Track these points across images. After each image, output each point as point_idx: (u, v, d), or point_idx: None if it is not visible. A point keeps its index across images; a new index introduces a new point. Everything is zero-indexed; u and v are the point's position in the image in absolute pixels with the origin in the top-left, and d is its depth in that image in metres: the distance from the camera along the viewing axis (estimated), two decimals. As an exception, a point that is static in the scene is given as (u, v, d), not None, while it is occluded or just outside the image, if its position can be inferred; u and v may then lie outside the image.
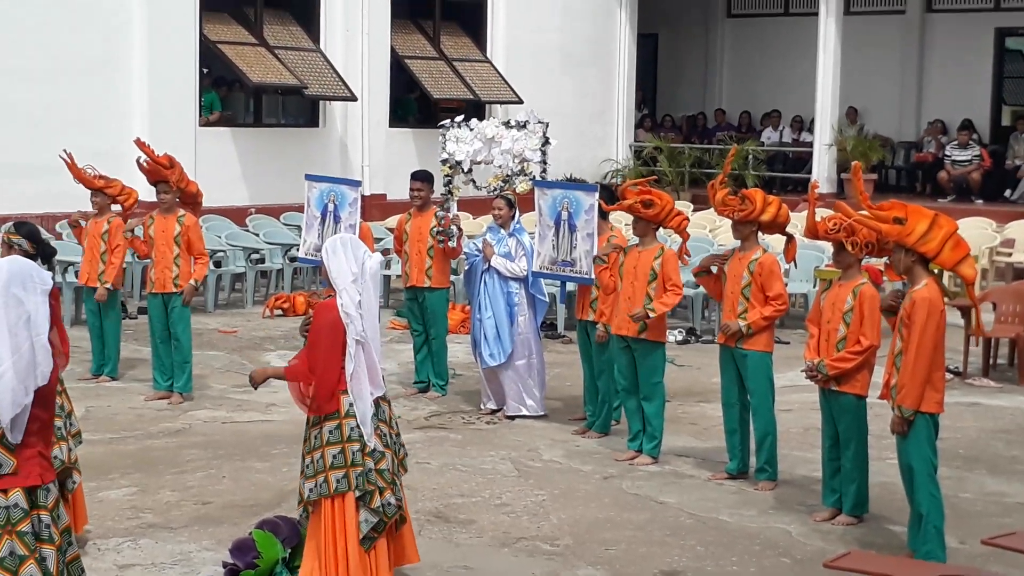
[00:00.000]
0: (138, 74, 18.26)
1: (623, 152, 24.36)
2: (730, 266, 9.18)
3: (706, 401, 11.51)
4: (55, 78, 17.29)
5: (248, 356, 13.53)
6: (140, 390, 11.82)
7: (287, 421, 10.45)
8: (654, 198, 9.60)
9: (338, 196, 11.87)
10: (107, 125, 17.46)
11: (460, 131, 12.68)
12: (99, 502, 8.51)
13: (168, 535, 7.99)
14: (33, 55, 17.10)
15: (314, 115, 20.71)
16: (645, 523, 8.41)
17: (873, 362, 8.31)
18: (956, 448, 10.13)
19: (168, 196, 11.46)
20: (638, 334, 9.61)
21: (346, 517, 6.70)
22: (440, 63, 22.03)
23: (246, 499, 8.71)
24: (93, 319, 12.25)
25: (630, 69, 24.35)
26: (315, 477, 6.68)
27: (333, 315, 6.64)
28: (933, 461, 7.56)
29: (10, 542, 5.06)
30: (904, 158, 24.63)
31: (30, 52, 17.07)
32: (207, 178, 14.88)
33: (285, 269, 17.37)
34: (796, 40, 25.02)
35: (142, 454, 9.82)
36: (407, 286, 11.93)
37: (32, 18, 17.11)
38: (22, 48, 17.03)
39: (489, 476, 9.38)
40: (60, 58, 17.36)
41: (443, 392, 11.83)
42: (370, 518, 6.70)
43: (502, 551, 7.87)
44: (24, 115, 16.92)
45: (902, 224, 7.40)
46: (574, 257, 10.45)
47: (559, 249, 10.56)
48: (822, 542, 8.06)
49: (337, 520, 6.71)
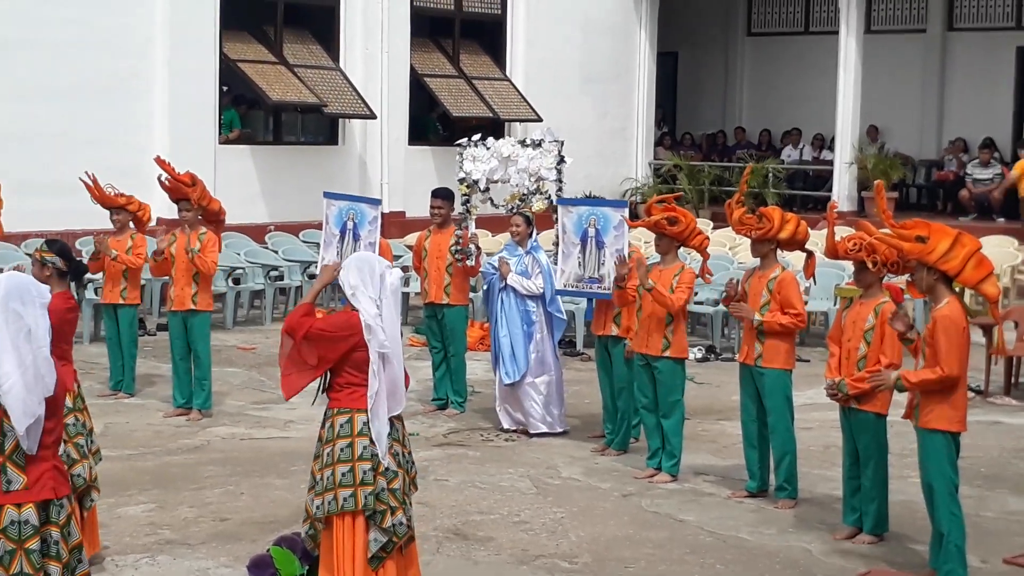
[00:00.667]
0: (159, 92, 18.34)
1: (643, 170, 24.35)
2: (751, 285, 9.17)
3: (726, 419, 11.48)
4: (76, 96, 17.38)
5: (266, 373, 13.54)
6: (158, 407, 11.85)
7: (305, 438, 10.43)
8: (679, 215, 9.61)
9: (358, 214, 11.89)
10: (128, 143, 17.53)
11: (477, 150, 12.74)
12: (117, 518, 8.53)
13: (186, 551, 8.00)
14: (55, 73, 17.19)
15: (333, 133, 20.77)
16: (664, 541, 8.38)
17: (895, 380, 8.27)
18: (978, 467, 10.08)
19: (190, 214, 11.48)
20: (660, 352, 9.61)
21: (355, 536, 6.68)
22: (459, 81, 22.06)
23: (264, 516, 8.71)
24: (112, 335, 12.28)
25: (650, 87, 24.35)
26: (323, 495, 6.65)
27: (353, 319, 6.57)
28: (954, 480, 7.53)
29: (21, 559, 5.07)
30: (925, 176, 24.56)
31: (52, 70, 17.16)
32: (226, 196, 14.85)
33: (304, 286, 17.36)
34: (816, 58, 24.96)
35: (160, 470, 9.83)
36: (426, 303, 11.94)
37: (54, 37, 17.19)
38: (44, 67, 17.12)
39: (508, 493, 9.36)
40: (81, 76, 17.44)
41: (462, 409, 11.82)
42: (379, 537, 6.67)
43: (520, 569, 7.85)
44: (46, 133, 17.00)
45: (924, 242, 7.38)
46: (602, 274, 10.44)
47: (585, 266, 10.54)
48: (842, 561, 8.02)
49: (347, 538, 6.69)
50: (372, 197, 14.62)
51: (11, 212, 12.50)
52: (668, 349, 9.60)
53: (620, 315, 10.25)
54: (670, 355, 9.62)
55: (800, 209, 22.28)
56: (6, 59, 16.90)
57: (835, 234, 8.39)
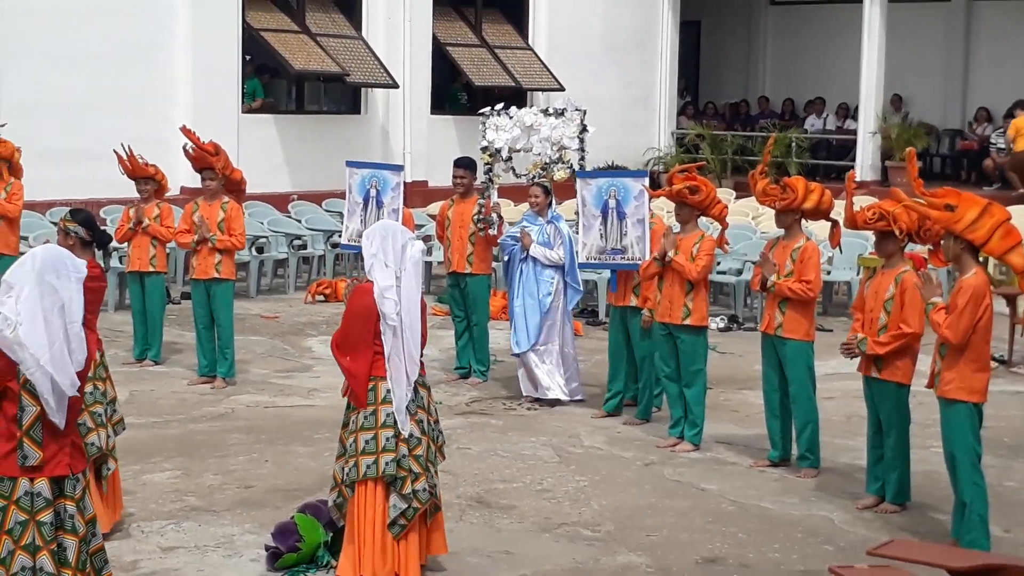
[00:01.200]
0: (182, 61, 18.36)
1: (665, 140, 24.28)
2: (775, 254, 9.14)
3: (748, 388, 11.47)
4: (99, 65, 17.42)
5: (290, 341, 13.59)
6: (183, 375, 11.90)
7: (329, 406, 10.48)
8: (700, 184, 9.60)
9: (380, 181, 11.91)
10: (150, 112, 17.58)
11: (499, 119, 12.70)
12: (143, 485, 8.58)
13: (211, 518, 8.04)
14: (78, 42, 17.22)
15: (356, 102, 20.76)
16: (687, 510, 8.39)
17: (917, 350, 8.26)
18: (1001, 436, 10.05)
19: (213, 183, 11.52)
20: (681, 320, 9.60)
21: (376, 502, 6.73)
22: (482, 50, 22.01)
23: (288, 483, 8.75)
24: (137, 304, 12.30)
25: (672, 56, 24.27)
26: (347, 461, 6.73)
27: (367, 300, 6.64)
28: (977, 449, 7.52)
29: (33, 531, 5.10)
30: (949, 146, 24.43)
31: (75, 39, 17.20)
32: (250, 165, 14.97)
33: (327, 255, 17.42)
34: (840, 27, 24.82)
35: (185, 438, 9.88)
36: (449, 272, 11.95)
37: (77, 5, 17.24)
38: (67, 35, 17.16)
39: (530, 462, 9.38)
40: (105, 45, 17.48)
41: (484, 378, 11.84)
42: (399, 504, 6.71)
43: (543, 536, 7.87)
44: (69, 101, 17.05)
45: (952, 211, 7.34)
46: (625, 244, 10.41)
47: (607, 238, 10.51)
48: (865, 530, 8.02)
49: (368, 505, 6.74)
50: (394, 164, 14.63)
51: (35, 181, 12.58)
52: (688, 317, 9.60)
53: (639, 286, 10.25)
54: (691, 323, 9.62)
55: (823, 179, 22.19)
56: (30, 28, 16.94)
57: (853, 204, 8.37)
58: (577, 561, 7.46)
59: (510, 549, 7.61)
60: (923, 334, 8.10)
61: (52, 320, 5.06)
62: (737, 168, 23.43)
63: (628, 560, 7.50)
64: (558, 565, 7.39)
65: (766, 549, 7.71)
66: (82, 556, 5.21)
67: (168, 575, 7.13)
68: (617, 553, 7.60)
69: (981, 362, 7.46)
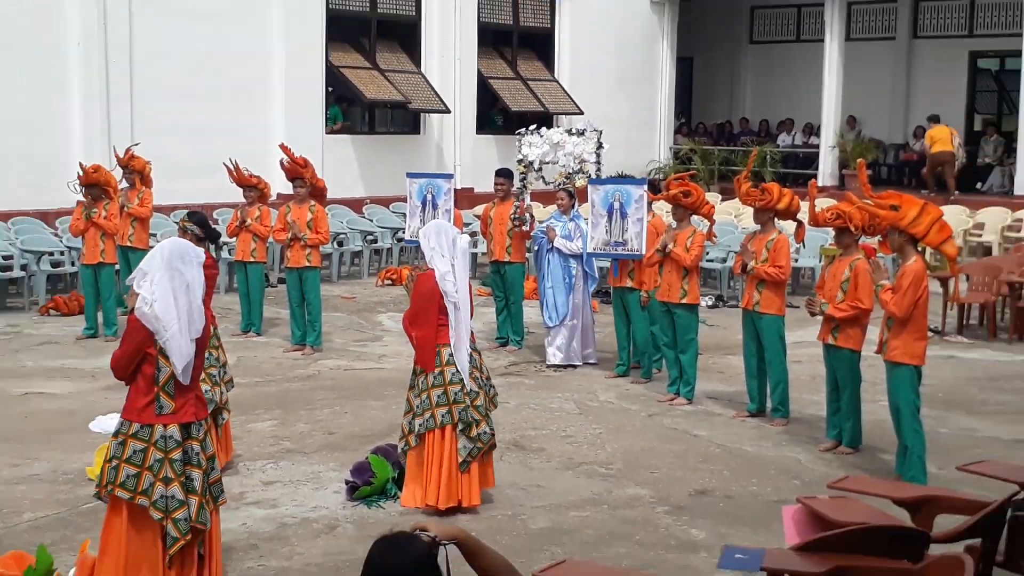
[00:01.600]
0: (277, 93, 18.38)
1: (664, 153, 24.14)
2: (753, 245, 9.08)
3: (731, 354, 11.39)
4: (215, 97, 17.46)
5: (364, 317, 13.60)
6: (280, 344, 11.93)
7: (396, 369, 10.50)
8: (691, 189, 9.56)
9: (435, 188, 11.89)
10: (253, 134, 17.58)
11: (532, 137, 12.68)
12: (248, 432, 8.61)
13: (302, 459, 8.07)
14: (199, 79, 17.28)
15: (416, 125, 20.72)
16: (682, 452, 8.36)
17: (867, 323, 8.20)
18: (936, 393, 9.96)
19: (303, 190, 11.54)
20: (679, 300, 9.56)
21: (444, 445, 6.73)
22: (517, 82, 21.93)
23: (363, 430, 8.76)
24: (243, 287, 12.37)
25: (671, 86, 24.11)
26: (423, 414, 6.72)
27: (431, 284, 6.67)
28: (917, 403, 7.47)
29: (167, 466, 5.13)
30: (894, 157, 24.17)
31: (197, 77, 17.26)
32: (332, 176, 14.98)
33: (393, 248, 17.43)
34: (806, 62, 24.59)
35: (282, 394, 9.91)
36: (491, 261, 11.94)
37: (198, 50, 17.29)
38: (191, 74, 17.22)
39: (556, 413, 9.36)
40: (218, 81, 17.52)
41: (519, 346, 11.83)
42: (467, 444, 6.74)
43: (567, 473, 7.86)
44: (190, 126, 17.08)
45: (897, 210, 7.29)
46: (626, 238, 10.37)
47: (611, 233, 10.47)
48: (825, 468, 7.97)
49: (437, 448, 6.74)
50: (446, 173, 14.60)
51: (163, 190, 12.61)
52: (684, 297, 9.57)
53: (634, 271, 10.22)
54: (686, 301, 9.58)
55: (792, 185, 21.94)
56: (163, 68, 17.00)
57: (815, 206, 8.31)
58: (594, 493, 7.45)
59: (540, 483, 7.60)
60: (872, 309, 8.04)
61: (180, 298, 5.08)
62: (722, 176, 23.27)
63: (635, 492, 7.48)
64: (579, 496, 7.37)
65: (746, 483, 7.67)
66: (204, 485, 5.24)
67: (268, 503, 7.16)
68: (626, 486, 7.58)
69: (920, 332, 7.41)
